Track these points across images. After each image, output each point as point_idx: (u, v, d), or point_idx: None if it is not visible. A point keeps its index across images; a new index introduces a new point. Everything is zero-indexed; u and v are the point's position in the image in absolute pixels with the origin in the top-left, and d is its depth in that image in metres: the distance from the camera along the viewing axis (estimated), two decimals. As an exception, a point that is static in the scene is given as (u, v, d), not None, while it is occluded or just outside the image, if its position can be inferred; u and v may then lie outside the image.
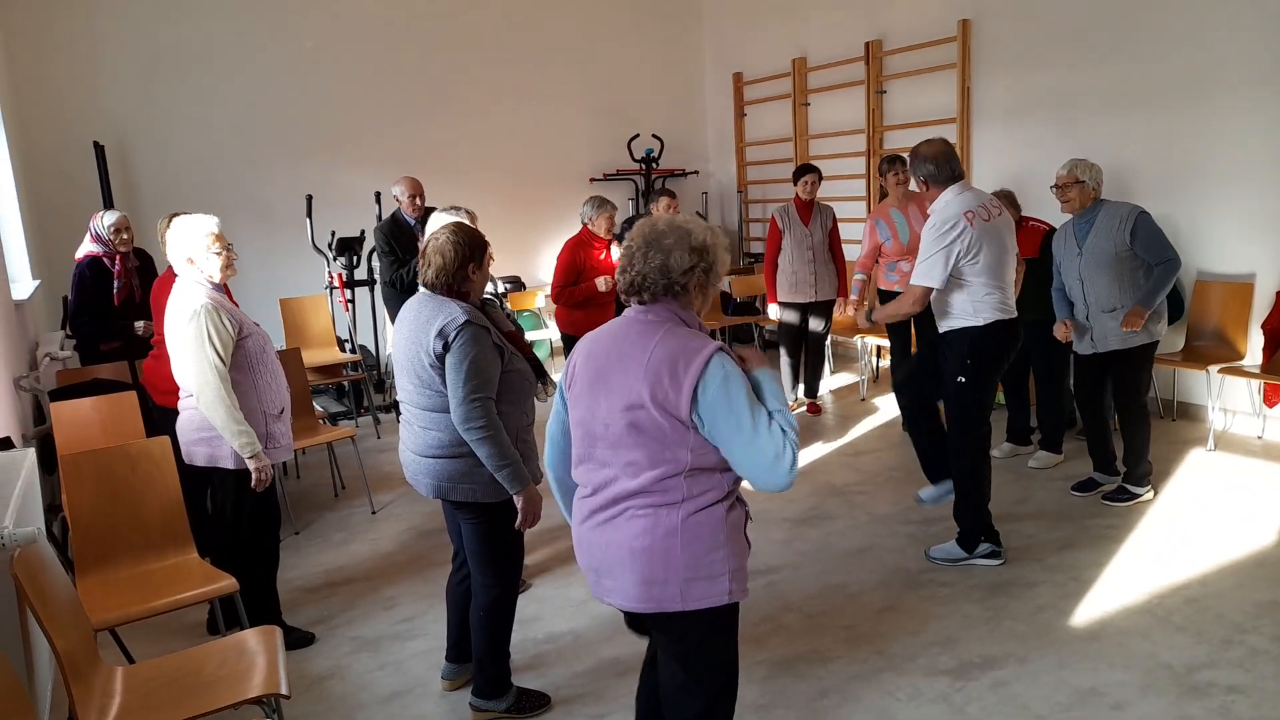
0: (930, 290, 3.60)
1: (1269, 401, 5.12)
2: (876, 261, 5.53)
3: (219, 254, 3.21)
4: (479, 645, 2.87)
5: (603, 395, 1.93)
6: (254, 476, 3.16)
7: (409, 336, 2.67)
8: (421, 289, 2.72)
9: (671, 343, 1.88)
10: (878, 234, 5.38)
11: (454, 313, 2.58)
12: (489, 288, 3.00)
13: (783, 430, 1.86)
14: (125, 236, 4.53)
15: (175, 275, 3.88)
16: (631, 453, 1.90)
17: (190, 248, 3.20)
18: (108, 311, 4.45)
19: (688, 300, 1.96)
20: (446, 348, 2.56)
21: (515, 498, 2.65)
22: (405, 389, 2.73)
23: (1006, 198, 4.84)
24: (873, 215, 5.55)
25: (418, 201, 5.53)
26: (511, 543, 2.83)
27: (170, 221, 3.90)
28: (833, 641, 3.23)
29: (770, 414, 1.88)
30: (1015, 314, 3.69)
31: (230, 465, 3.19)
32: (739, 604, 2.03)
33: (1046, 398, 4.95)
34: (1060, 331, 4.38)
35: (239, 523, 3.29)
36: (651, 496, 1.91)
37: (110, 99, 6.54)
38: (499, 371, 2.62)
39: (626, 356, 1.92)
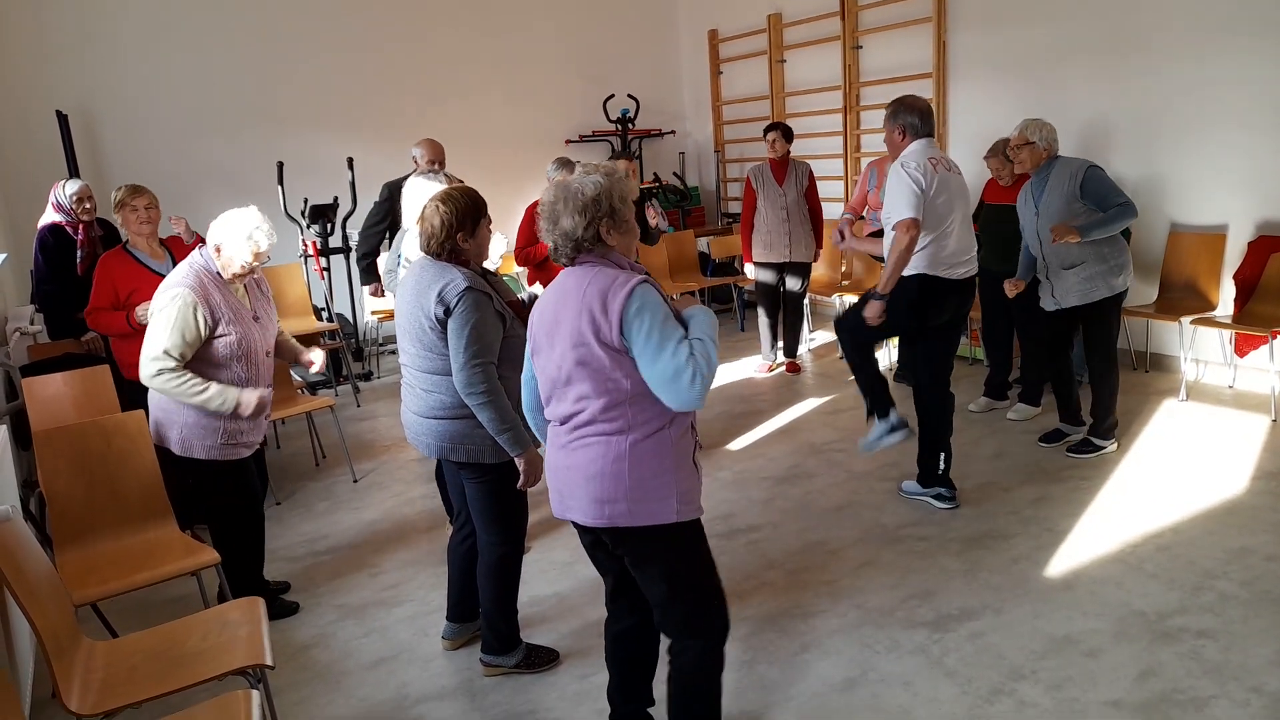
0: (916, 222, 3.57)
1: (1240, 351, 5.19)
2: (863, 216, 5.55)
3: (244, 265, 3.11)
4: (487, 603, 2.91)
5: (556, 342, 2.12)
6: (248, 411, 3.06)
7: (410, 300, 2.68)
8: (421, 254, 2.73)
9: (601, 281, 2.07)
10: (868, 182, 5.41)
11: (455, 278, 2.59)
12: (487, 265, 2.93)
13: (690, 354, 2.00)
14: (88, 205, 4.43)
15: (125, 252, 3.91)
16: (581, 386, 2.09)
17: (226, 238, 3.09)
18: (72, 280, 4.38)
19: (605, 249, 2.13)
20: (448, 312, 2.57)
21: (517, 460, 2.67)
22: (407, 352, 2.75)
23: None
24: (871, 164, 5.56)
25: (436, 167, 5.45)
26: (515, 501, 2.86)
27: (124, 190, 3.91)
28: (814, 597, 3.28)
29: (690, 342, 2.03)
30: (958, 275, 3.72)
31: (175, 450, 3.12)
32: (699, 524, 2.21)
33: (1029, 351, 4.99)
34: (1009, 288, 4.51)
35: (213, 502, 3.23)
36: (601, 425, 2.09)
37: (72, 67, 6.36)
38: (500, 337, 2.64)
39: (568, 304, 2.10)
